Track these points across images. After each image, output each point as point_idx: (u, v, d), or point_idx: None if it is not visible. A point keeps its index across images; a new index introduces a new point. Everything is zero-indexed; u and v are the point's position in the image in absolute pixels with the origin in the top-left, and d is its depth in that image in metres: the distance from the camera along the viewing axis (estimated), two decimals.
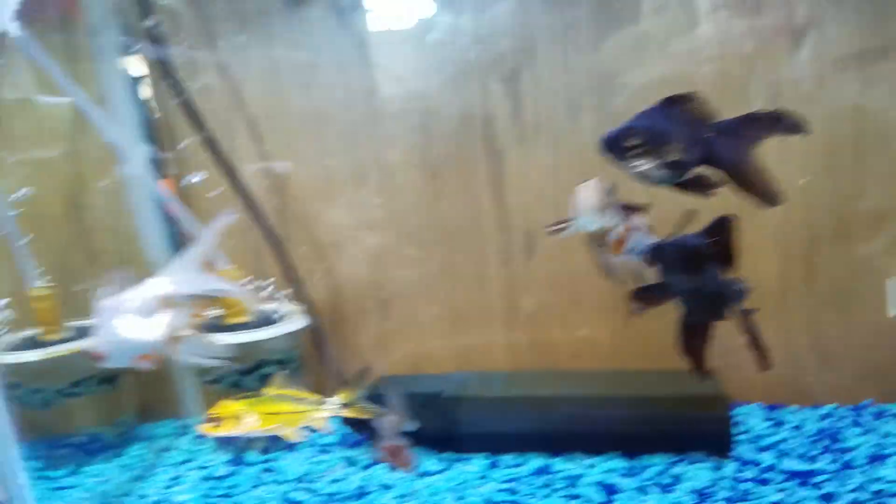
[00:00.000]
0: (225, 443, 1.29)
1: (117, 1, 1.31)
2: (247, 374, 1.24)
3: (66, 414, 1.28)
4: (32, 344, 1.26)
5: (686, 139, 0.83)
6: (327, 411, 0.92)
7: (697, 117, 0.83)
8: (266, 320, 1.29)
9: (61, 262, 1.35)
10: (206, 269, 0.83)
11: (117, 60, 1.34)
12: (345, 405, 0.93)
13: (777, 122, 0.82)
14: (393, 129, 1.34)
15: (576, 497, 1.06)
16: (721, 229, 0.87)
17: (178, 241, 1.36)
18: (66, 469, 1.29)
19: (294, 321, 1.27)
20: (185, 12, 1.32)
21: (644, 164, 0.83)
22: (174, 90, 1.29)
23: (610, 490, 1.07)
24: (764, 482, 1.05)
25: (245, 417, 0.90)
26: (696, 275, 0.89)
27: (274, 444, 1.28)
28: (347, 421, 1.25)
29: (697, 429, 1.16)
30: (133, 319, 0.79)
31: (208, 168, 1.35)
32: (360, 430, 1.26)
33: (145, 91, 1.38)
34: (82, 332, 1.27)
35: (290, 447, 1.28)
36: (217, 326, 1.26)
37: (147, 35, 1.27)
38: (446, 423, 1.19)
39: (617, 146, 0.82)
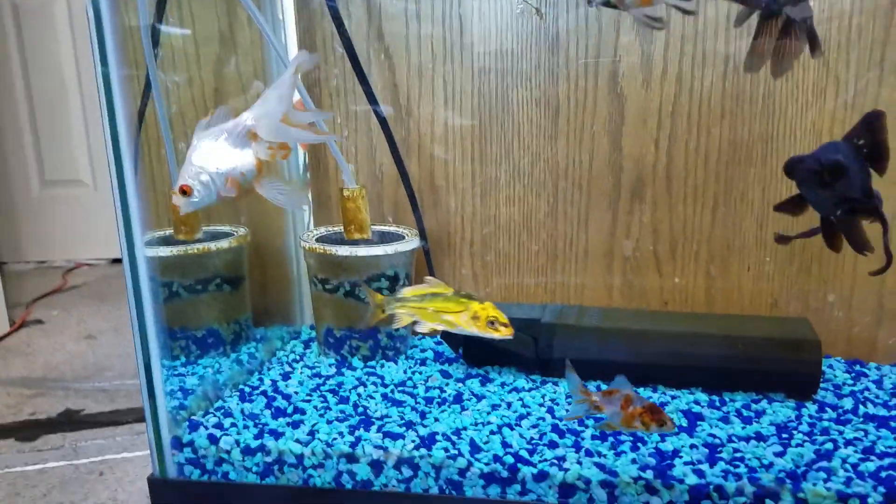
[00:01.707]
0: (330, 347, 1.39)
1: None
2: (360, 286, 1.32)
3: (188, 309, 1.35)
4: (165, 242, 1.35)
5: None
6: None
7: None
8: (382, 238, 1.37)
9: None
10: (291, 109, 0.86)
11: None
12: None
13: None
14: (520, 66, 1.37)
15: None
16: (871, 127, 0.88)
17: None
18: (181, 359, 1.37)
19: (408, 242, 1.35)
20: None
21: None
22: (342, 39, 1.35)
23: (694, 417, 1.14)
24: (843, 423, 1.11)
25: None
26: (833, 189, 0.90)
27: (374, 352, 1.38)
28: (444, 337, 1.35)
29: (786, 369, 1.18)
30: (221, 150, 0.85)
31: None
32: (455, 347, 1.35)
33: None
34: (213, 236, 1.37)
35: (391, 358, 1.38)
36: (338, 241, 1.36)
37: None
38: (541, 348, 1.26)
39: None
